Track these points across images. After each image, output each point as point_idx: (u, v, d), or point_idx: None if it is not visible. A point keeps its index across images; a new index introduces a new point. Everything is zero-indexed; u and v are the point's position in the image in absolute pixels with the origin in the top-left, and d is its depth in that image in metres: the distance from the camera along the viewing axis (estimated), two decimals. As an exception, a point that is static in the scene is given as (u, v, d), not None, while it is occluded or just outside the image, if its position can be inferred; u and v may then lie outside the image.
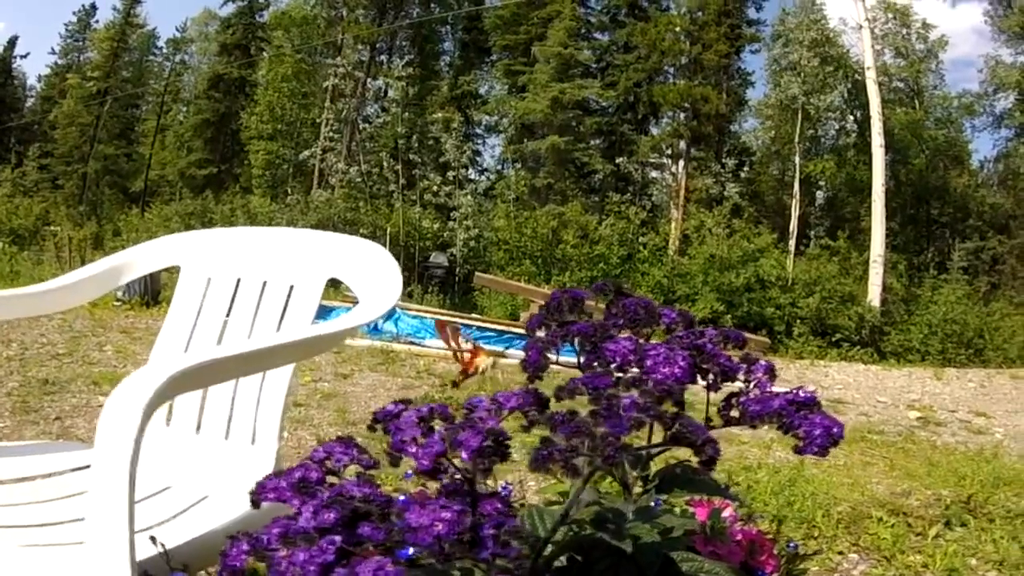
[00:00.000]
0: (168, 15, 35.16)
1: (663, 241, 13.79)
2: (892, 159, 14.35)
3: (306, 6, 18.30)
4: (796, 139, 14.70)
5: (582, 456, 0.36)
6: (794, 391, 0.55)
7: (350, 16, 17.21)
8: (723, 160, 15.15)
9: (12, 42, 22.92)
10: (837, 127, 16.23)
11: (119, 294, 6.92)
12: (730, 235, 12.33)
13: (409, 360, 5.53)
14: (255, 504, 0.35)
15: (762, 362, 0.59)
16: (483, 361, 1.12)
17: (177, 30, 22.77)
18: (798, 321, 10.88)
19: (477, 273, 10.93)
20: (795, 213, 14.46)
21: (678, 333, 0.64)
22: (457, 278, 13.07)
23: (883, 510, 2.62)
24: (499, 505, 0.36)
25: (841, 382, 6.64)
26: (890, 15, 16.08)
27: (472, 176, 16.90)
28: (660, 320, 0.64)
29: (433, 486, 0.40)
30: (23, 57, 23.24)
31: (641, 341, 0.58)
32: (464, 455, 0.35)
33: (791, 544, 1.18)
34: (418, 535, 0.31)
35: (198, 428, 1.28)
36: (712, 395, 0.62)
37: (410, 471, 0.44)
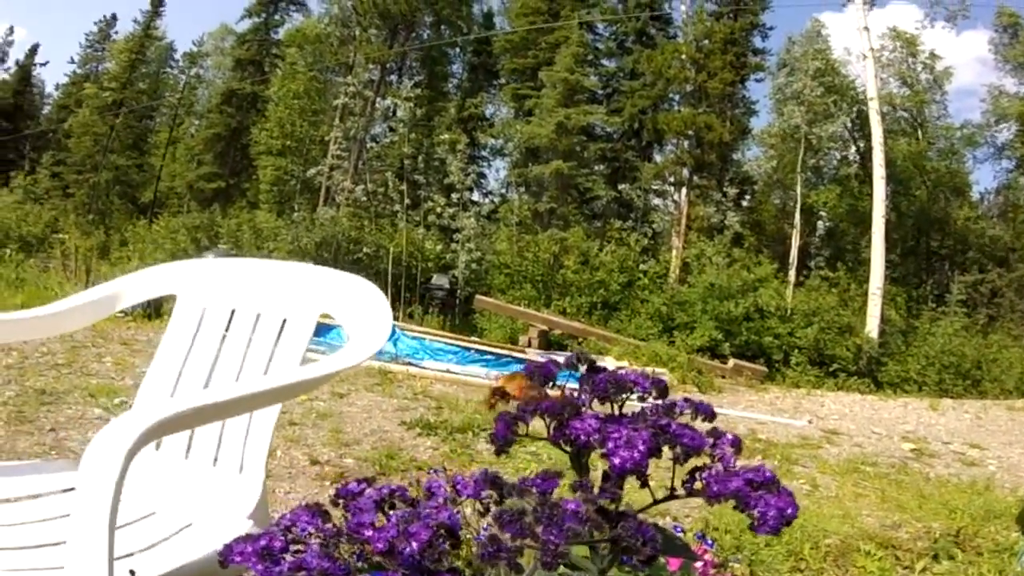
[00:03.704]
0: (186, 28, 35.81)
1: (664, 269, 13.80)
2: (893, 190, 14.39)
3: (320, 24, 18.62)
4: (798, 168, 14.76)
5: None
6: (755, 470, 0.56)
7: (362, 36, 17.48)
8: (725, 189, 15.22)
9: (33, 50, 23.37)
10: (839, 157, 16.27)
11: (123, 306, 6.98)
12: (730, 264, 12.37)
13: (406, 381, 5.55)
14: (223, 564, 0.38)
15: (728, 436, 0.60)
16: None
17: (194, 44, 23.19)
18: (796, 351, 10.87)
19: (478, 296, 10.97)
20: (795, 243, 14.47)
21: (647, 406, 0.65)
22: (458, 300, 13.10)
23: (872, 543, 2.62)
24: None
25: (837, 412, 6.62)
26: (898, 43, 16.19)
27: (476, 198, 17.02)
28: (632, 390, 0.64)
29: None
30: (43, 65, 23.66)
31: (608, 414, 0.59)
32: (414, 546, 0.37)
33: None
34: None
35: (187, 454, 1.32)
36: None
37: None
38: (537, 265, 12.70)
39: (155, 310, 7.12)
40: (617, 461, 0.50)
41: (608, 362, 7.88)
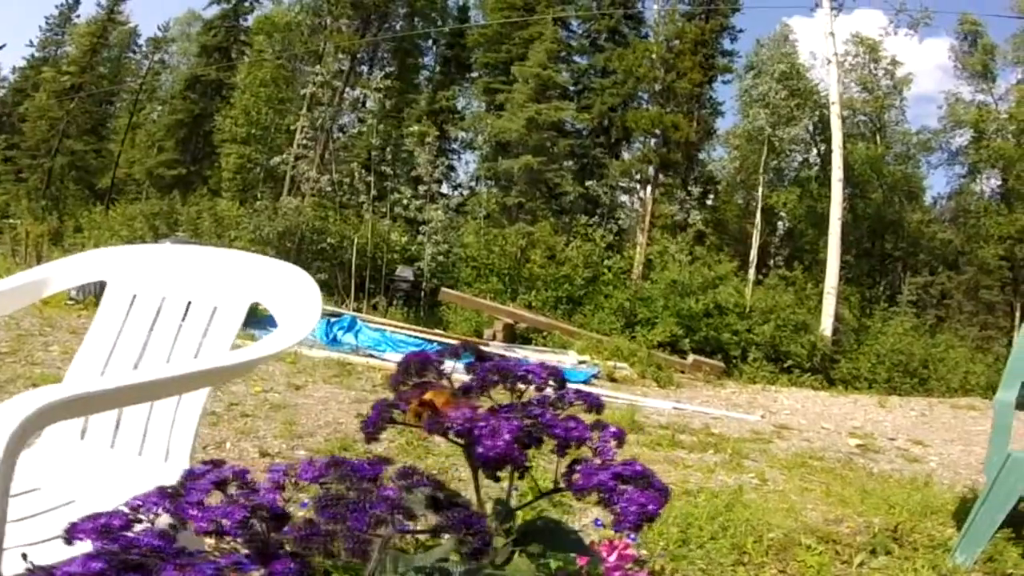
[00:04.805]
0: (152, 14, 34.82)
1: (627, 265, 13.98)
2: (851, 193, 14.81)
3: (290, 12, 18.28)
4: (761, 170, 15.07)
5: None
6: (626, 464, 0.55)
7: (333, 25, 17.22)
8: (689, 187, 15.48)
9: (-12, 33, 22.41)
10: (801, 159, 16.66)
11: (72, 293, 6.78)
12: (692, 262, 12.60)
13: (366, 373, 5.50)
14: (67, 542, 0.39)
15: (611, 428, 0.60)
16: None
17: (159, 29, 22.55)
18: (753, 347, 11.15)
19: (443, 289, 10.94)
20: (755, 242, 14.79)
21: (534, 398, 0.62)
22: (424, 292, 13.04)
23: (813, 537, 2.69)
24: (291, 566, 0.37)
25: (789, 407, 6.78)
26: (861, 49, 16.58)
27: (445, 191, 16.96)
28: (527, 380, 0.64)
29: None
30: None
31: (481, 408, 0.59)
32: (227, 525, 0.38)
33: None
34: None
35: (113, 443, 1.30)
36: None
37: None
38: (504, 259, 12.72)
39: (108, 299, 6.92)
40: (481, 450, 0.51)
41: (571, 356, 7.94)
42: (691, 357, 8.96)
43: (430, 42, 20.12)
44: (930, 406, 7.59)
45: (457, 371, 0.64)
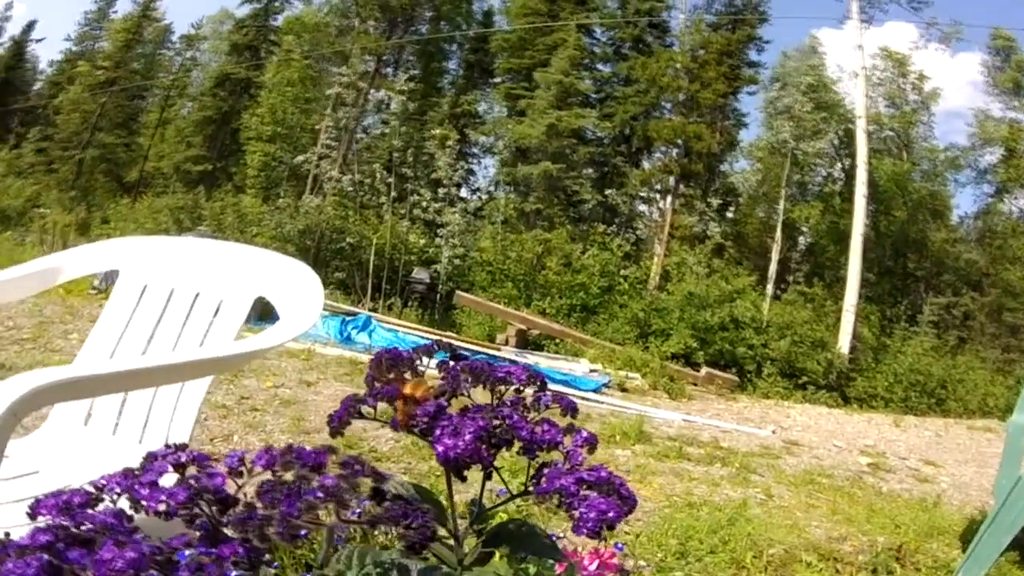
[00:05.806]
0: (186, 11, 35.61)
1: (644, 275, 13.91)
2: (875, 210, 14.56)
3: (319, 13, 18.57)
4: (783, 183, 14.89)
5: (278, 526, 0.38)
6: (591, 469, 0.54)
7: (361, 27, 17.43)
8: (709, 199, 15.33)
9: (30, 26, 23.06)
10: (825, 174, 16.37)
11: (95, 282, 6.93)
12: (710, 274, 12.49)
13: (377, 373, 5.54)
14: (32, 517, 0.40)
15: (584, 433, 0.59)
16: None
17: (192, 27, 22.99)
18: (768, 362, 11.03)
19: (458, 292, 10.99)
20: (775, 257, 14.60)
21: (508, 399, 0.61)
22: (439, 295, 13.10)
23: (815, 554, 2.66)
24: (239, 550, 0.37)
25: (801, 424, 6.70)
26: (889, 63, 16.32)
27: (464, 195, 17.01)
28: (507, 381, 0.63)
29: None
30: (38, 42, 23.34)
31: (447, 405, 0.59)
32: (172, 506, 0.39)
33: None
34: (99, 569, 0.34)
35: (115, 430, 1.33)
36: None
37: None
38: (520, 264, 12.73)
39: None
40: (440, 449, 0.50)
41: (583, 364, 7.92)
42: (704, 370, 8.88)
43: (454, 46, 20.28)
44: (946, 427, 7.47)
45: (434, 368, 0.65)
